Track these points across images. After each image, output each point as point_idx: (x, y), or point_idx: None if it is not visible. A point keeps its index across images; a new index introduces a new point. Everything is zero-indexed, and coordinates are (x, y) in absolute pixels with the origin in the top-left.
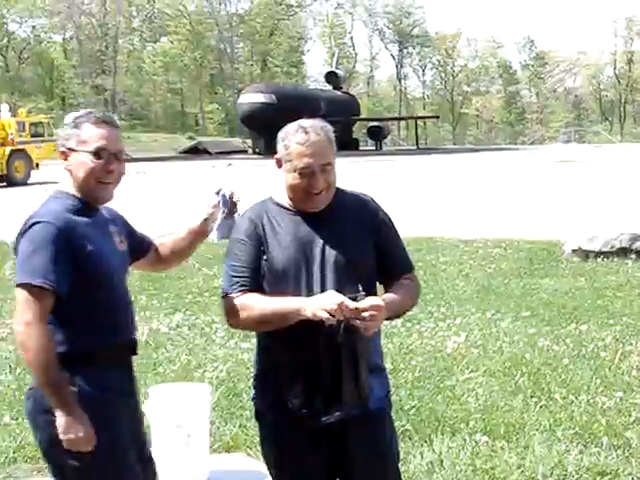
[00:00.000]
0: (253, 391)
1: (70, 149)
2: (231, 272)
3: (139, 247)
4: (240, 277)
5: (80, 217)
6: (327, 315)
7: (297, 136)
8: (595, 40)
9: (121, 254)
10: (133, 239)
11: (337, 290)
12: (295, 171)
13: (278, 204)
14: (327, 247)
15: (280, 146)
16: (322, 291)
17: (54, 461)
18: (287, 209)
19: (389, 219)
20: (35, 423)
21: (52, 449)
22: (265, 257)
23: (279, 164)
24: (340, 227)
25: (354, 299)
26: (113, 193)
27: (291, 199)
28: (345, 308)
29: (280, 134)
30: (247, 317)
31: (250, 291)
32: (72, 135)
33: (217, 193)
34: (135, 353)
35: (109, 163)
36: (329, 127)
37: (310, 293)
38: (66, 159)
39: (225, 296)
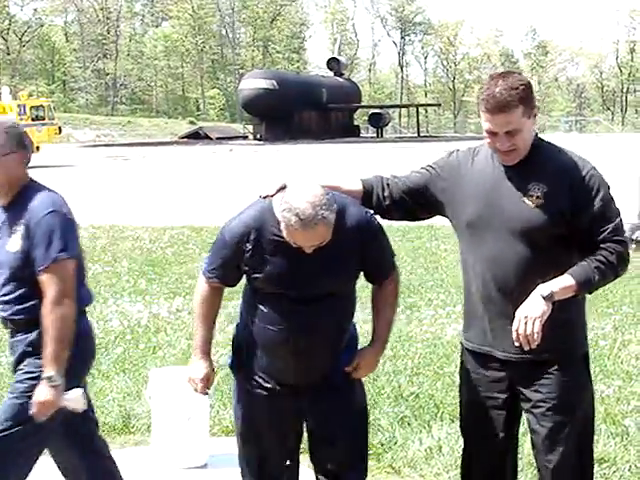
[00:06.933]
0: (229, 360)
1: None
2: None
3: None
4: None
5: None
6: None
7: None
8: (597, 29)
9: None
10: None
11: None
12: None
13: (272, 230)
14: (312, 272)
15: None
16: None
17: None
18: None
19: (374, 229)
20: None
21: None
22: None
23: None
24: (332, 251)
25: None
26: None
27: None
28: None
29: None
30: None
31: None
32: None
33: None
34: None
35: None
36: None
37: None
38: None
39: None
